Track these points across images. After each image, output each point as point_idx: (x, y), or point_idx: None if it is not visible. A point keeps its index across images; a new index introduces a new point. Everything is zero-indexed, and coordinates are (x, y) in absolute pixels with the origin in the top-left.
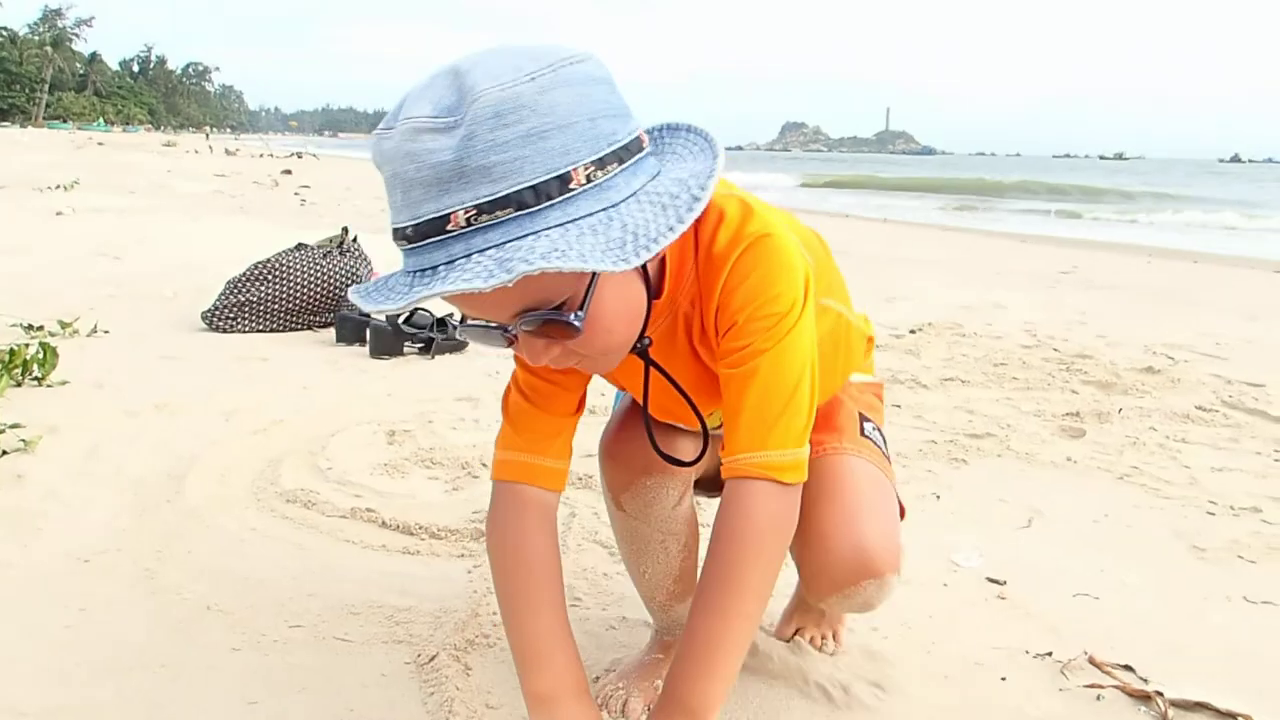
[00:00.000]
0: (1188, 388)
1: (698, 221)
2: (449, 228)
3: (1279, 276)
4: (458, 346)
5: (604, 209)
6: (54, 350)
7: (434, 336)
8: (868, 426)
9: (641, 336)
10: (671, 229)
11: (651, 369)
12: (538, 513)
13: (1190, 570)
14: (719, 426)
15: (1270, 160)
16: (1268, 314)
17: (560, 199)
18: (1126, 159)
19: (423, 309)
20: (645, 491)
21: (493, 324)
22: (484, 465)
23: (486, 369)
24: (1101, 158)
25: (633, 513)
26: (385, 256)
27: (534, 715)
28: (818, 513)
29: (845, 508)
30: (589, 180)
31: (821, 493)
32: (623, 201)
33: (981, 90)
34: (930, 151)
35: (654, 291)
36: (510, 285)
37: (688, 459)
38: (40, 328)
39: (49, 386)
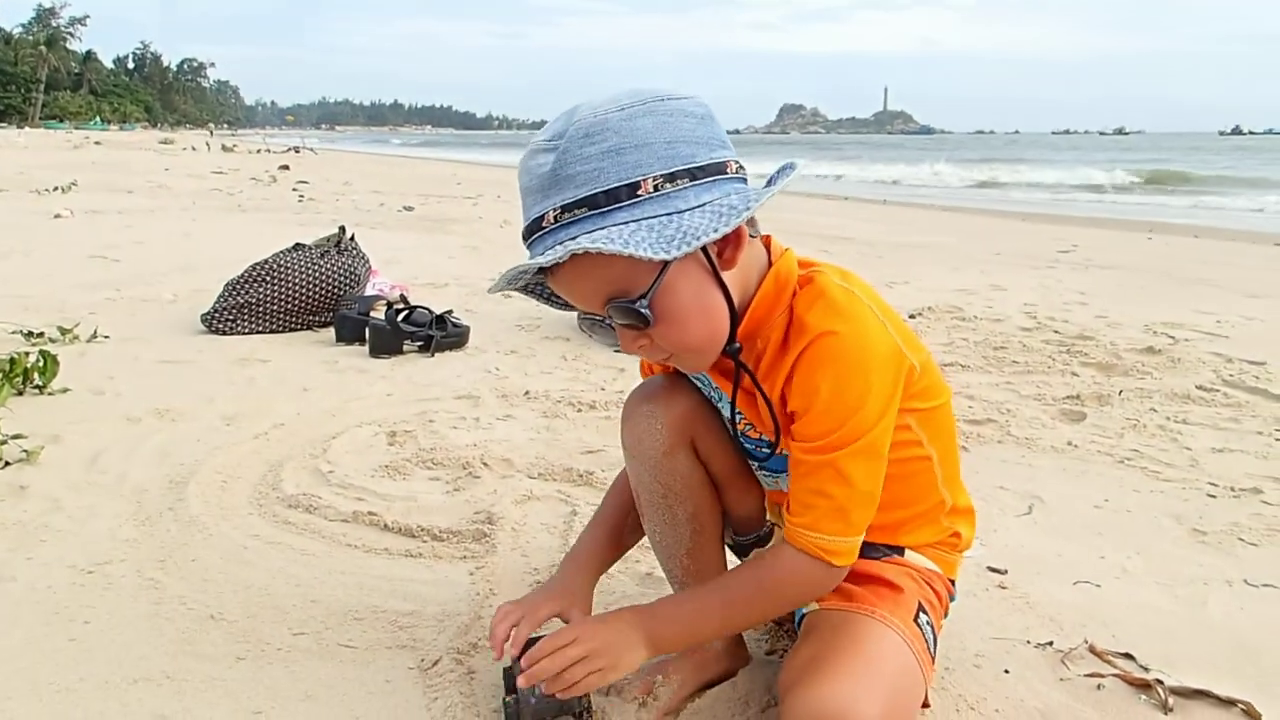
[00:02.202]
0: (1188, 367)
1: (801, 279)
2: (544, 225)
3: None
4: (457, 343)
5: (667, 214)
6: (54, 358)
7: (433, 334)
8: (923, 619)
9: (731, 341)
10: (715, 229)
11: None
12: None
13: (1191, 554)
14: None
15: (1271, 131)
16: (1268, 291)
17: (628, 202)
18: (1127, 134)
19: (421, 307)
20: (640, 420)
21: (596, 316)
22: (485, 464)
23: (486, 365)
24: (1101, 133)
25: (630, 447)
26: (384, 254)
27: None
28: (825, 669)
29: (848, 675)
30: (656, 189)
31: (838, 649)
32: (689, 210)
33: (979, 68)
34: (929, 131)
35: (735, 313)
36: (564, 263)
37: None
38: (40, 334)
39: (50, 395)
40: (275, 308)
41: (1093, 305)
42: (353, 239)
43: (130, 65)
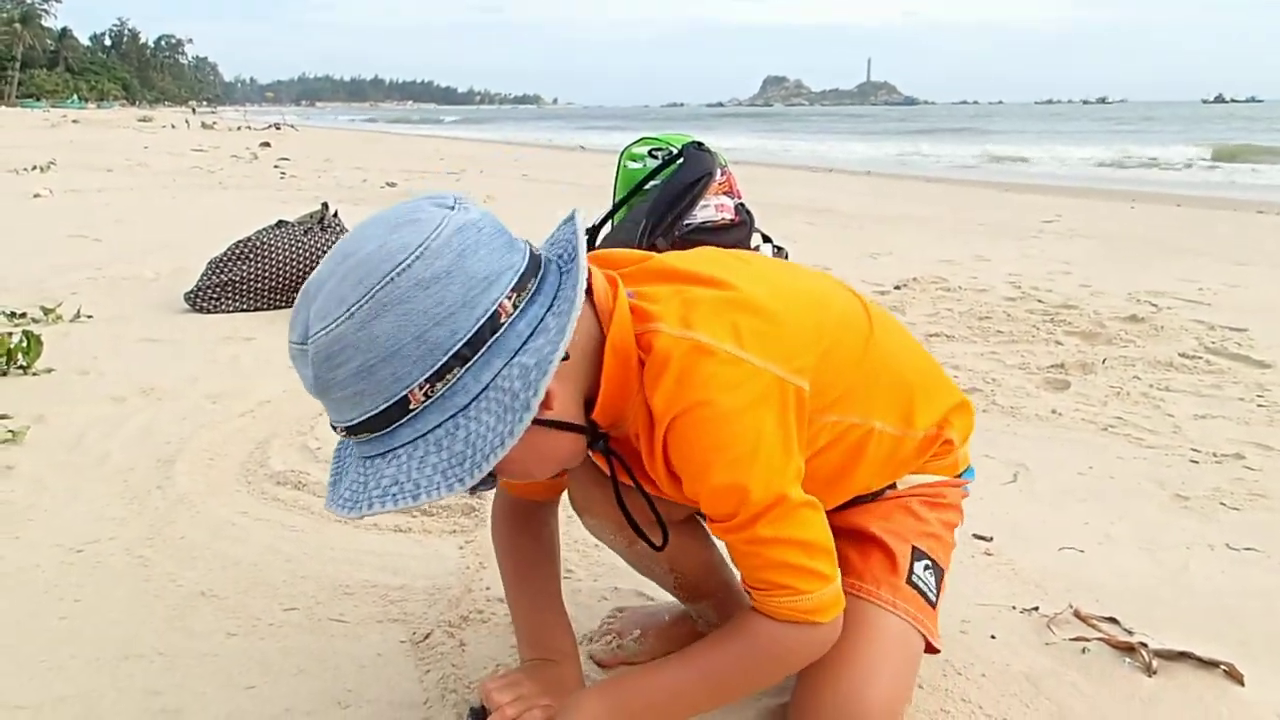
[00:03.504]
0: (1171, 335)
1: (641, 346)
2: (340, 435)
3: (1262, 218)
4: None
5: (450, 417)
6: (38, 338)
7: None
8: (918, 567)
9: (594, 440)
10: (503, 443)
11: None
12: (541, 510)
13: (1174, 520)
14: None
15: (1253, 99)
16: (1250, 257)
17: (405, 420)
18: (1110, 103)
19: None
20: (590, 528)
21: None
22: None
23: None
24: (1085, 102)
25: (597, 536)
26: None
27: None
28: (824, 670)
29: (854, 675)
30: (427, 397)
31: (847, 638)
32: (471, 403)
33: (961, 39)
34: (912, 102)
35: (588, 415)
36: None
37: (658, 543)
38: (23, 315)
39: (34, 375)
40: (259, 285)
41: (1076, 274)
42: (336, 215)
43: (107, 42)
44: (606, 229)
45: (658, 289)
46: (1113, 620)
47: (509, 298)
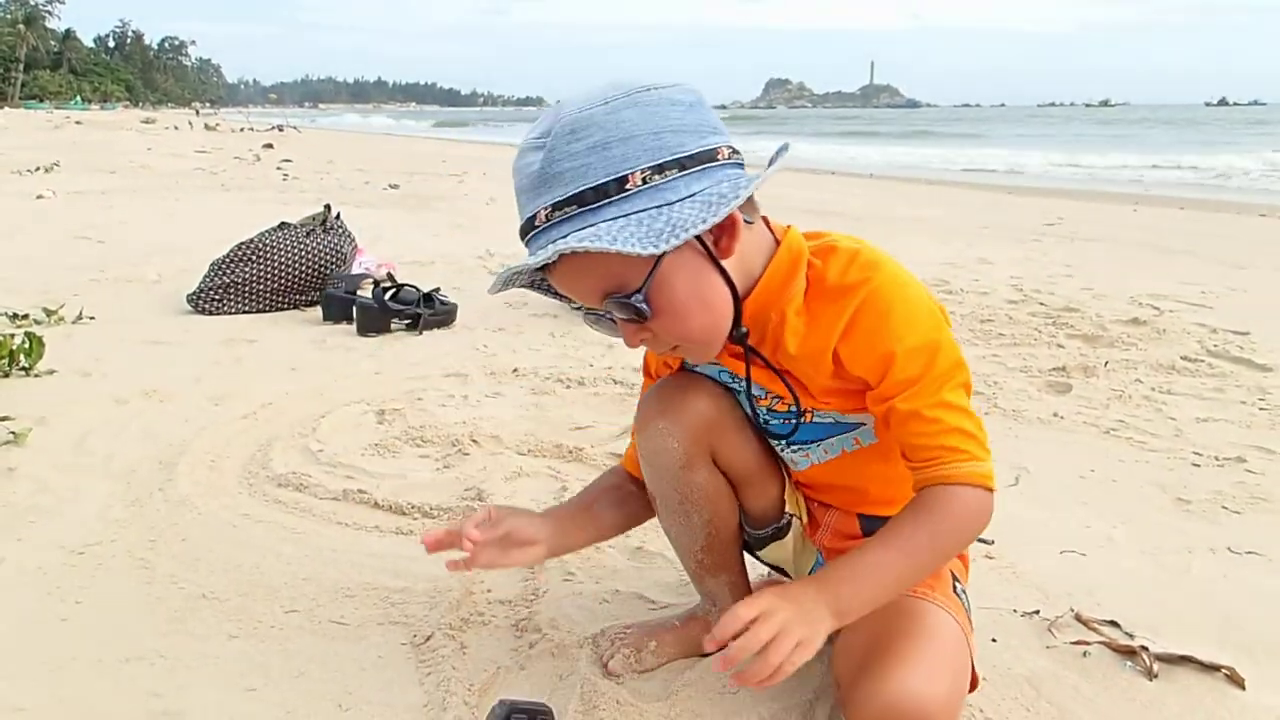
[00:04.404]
0: (1173, 338)
1: (817, 250)
2: (537, 224)
3: (1264, 221)
4: (445, 321)
5: (657, 206)
6: (40, 340)
7: (420, 312)
8: (958, 586)
9: (736, 326)
10: (704, 220)
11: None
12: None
13: (1175, 523)
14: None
15: (1256, 103)
16: (1252, 260)
17: (617, 197)
18: (1112, 105)
19: (409, 285)
20: (655, 436)
21: (597, 310)
22: (474, 442)
23: (474, 343)
24: (1087, 105)
25: (646, 458)
26: (369, 233)
27: None
28: (884, 663)
29: (916, 662)
30: (645, 182)
31: (899, 633)
32: (679, 201)
33: (965, 41)
34: (915, 105)
35: (738, 294)
36: (559, 261)
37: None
38: (25, 316)
39: (36, 376)
40: (261, 287)
41: (1078, 277)
42: (338, 217)
43: (111, 44)
44: None
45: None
46: (1114, 624)
47: (727, 148)
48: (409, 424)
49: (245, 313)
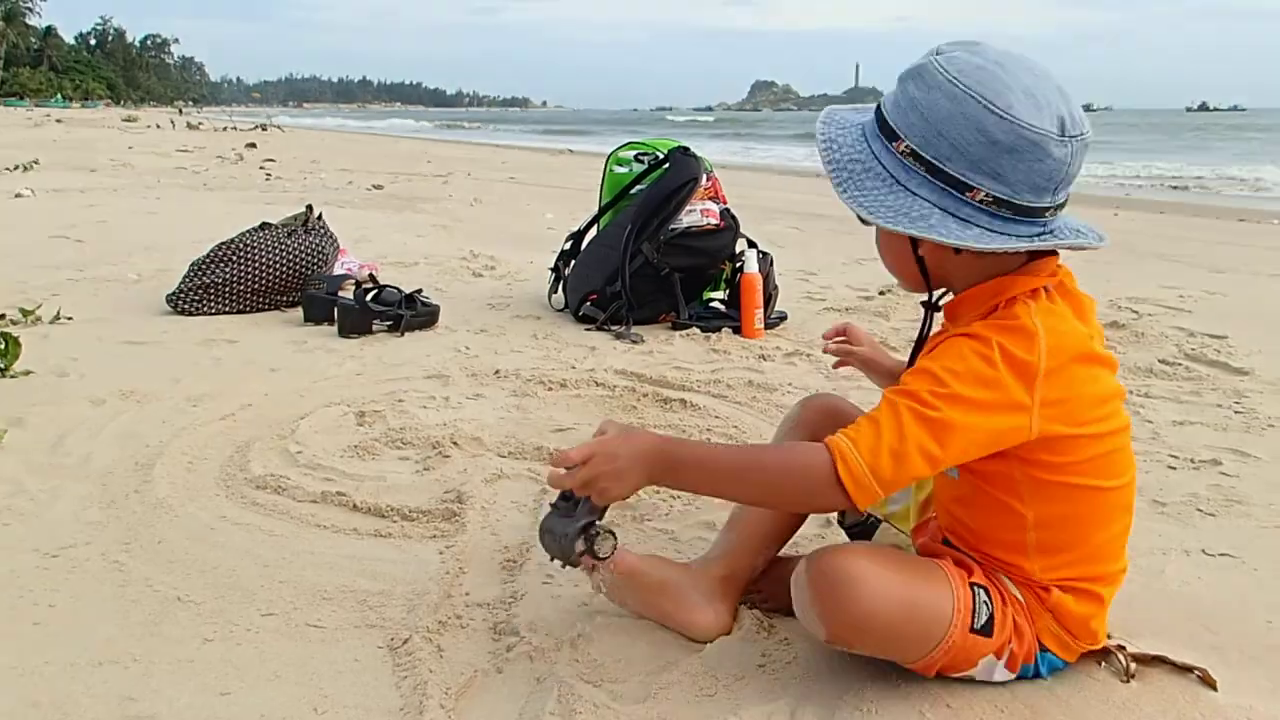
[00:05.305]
0: (1152, 341)
1: (1013, 299)
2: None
3: (1242, 225)
4: (427, 322)
5: (893, 177)
6: (16, 340)
7: (402, 313)
8: (979, 592)
9: (930, 297)
10: (875, 216)
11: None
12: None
13: (1151, 525)
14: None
15: (1235, 108)
16: (1231, 264)
17: (886, 143)
18: (1094, 110)
19: (391, 286)
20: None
21: None
22: (454, 444)
23: (456, 344)
24: None
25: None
26: (352, 233)
27: None
28: (857, 548)
29: (880, 571)
30: (901, 154)
31: (881, 552)
32: (903, 190)
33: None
34: None
35: (930, 282)
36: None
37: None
38: (2, 316)
39: (13, 377)
40: (242, 288)
41: None
42: (320, 218)
43: (92, 41)
44: (592, 233)
45: (1071, 308)
46: None
47: (988, 196)
48: (389, 426)
49: (225, 313)
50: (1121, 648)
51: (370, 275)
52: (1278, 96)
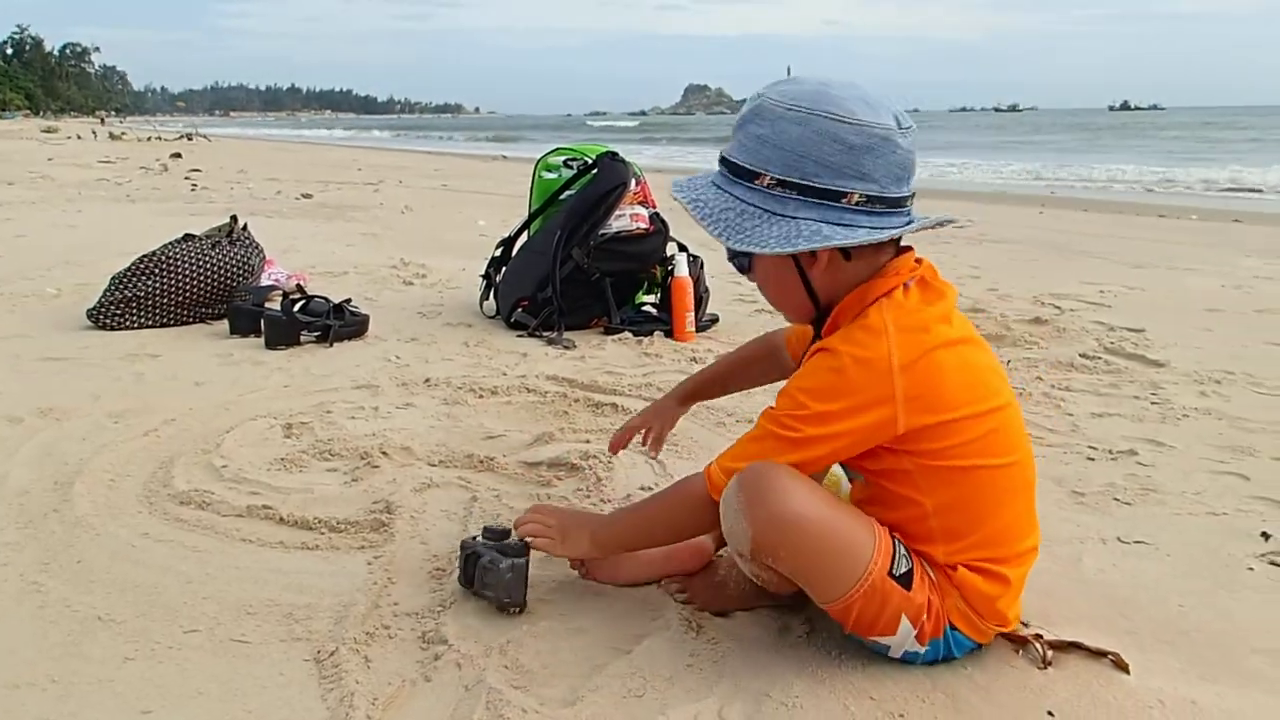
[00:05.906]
0: (1073, 336)
1: (882, 285)
2: (722, 152)
3: (1162, 221)
4: (356, 332)
5: (767, 210)
6: None
7: (331, 324)
8: (903, 567)
9: (818, 324)
10: (766, 247)
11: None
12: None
13: (1070, 515)
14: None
15: (1155, 107)
16: (1150, 260)
17: (747, 184)
18: (1021, 110)
19: (319, 296)
20: None
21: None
22: (383, 454)
23: (386, 354)
24: (996, 109)
25: None
26: (281, 243)
27: None
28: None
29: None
30: (768, 187)
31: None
32: (782, 217)
33: (877, 48)
34: None
35: (819, 307)
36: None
37: None
38: None
39: None
40: (165, 301)
41: (985, 279)
42: (245, 228)
43: (9, 51)
44: (523, 239)
45: (922, 299)
46: None
47: (861, 196)
48: (317, 437)
49: (149, 327)
50: (1039, 636)
51: (298, 285)
52: (1194, 96)
